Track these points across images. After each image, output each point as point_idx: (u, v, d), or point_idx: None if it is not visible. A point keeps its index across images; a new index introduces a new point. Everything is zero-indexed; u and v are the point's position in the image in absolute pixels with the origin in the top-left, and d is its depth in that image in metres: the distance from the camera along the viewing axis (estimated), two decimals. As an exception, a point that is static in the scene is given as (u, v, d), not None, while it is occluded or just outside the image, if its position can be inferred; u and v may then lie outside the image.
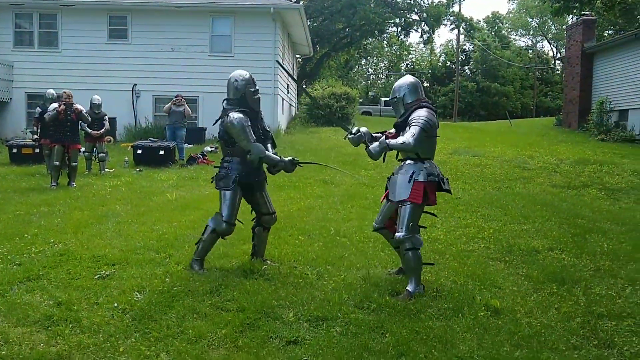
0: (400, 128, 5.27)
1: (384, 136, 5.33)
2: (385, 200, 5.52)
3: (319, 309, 4.71)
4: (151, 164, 13.81)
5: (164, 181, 11.72)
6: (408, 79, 5.47)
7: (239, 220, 5.86)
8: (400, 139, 5.06)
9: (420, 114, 5.08)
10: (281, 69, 18.16)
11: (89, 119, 11.99)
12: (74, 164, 11.11)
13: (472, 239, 7.33)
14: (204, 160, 14.64)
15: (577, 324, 4.59)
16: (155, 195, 10.09)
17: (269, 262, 5.94)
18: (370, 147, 5.09)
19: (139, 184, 11.25)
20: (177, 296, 4.93)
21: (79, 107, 11.28)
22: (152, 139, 15.60)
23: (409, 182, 5.09)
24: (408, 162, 5.22)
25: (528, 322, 4.61)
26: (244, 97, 5.63)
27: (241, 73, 5.75)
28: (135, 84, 19.45)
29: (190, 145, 16.79)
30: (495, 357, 3.99)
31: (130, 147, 15.20)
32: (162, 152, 14.10)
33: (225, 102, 5.67)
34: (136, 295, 4.95)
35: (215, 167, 5.98)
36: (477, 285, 5.46)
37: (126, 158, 14.14)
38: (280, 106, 20.67)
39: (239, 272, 5.63)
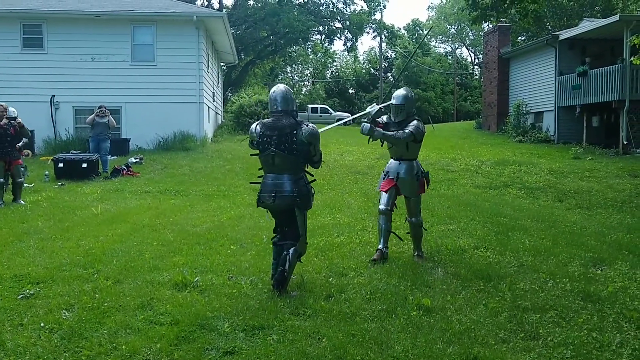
0: (398, 127, 6.49)
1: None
2: (386, 191, 6.63)
3: (255, 318, 4.69)
4: (73, 177, 13.33)
5: (88, 195, 11.35)
6: (404, 92, 6.62)
7: None
8: (398, 134, 6.36)
9: (419, 126, 6.44)
10: None
11: (30, 133, 11.38)
12: (19, 180, 10.61)
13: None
14: (129, 172, 14.27)
15: (504, 319, 4.78)
16: (80, 209, 9.76)
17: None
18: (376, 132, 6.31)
19: (61, 199, 10.85)
20: (108, 312, 4.80)
21: (20, 120, 10.73)
22: (74, 152, 15.07)
23: (417, 180, 6.56)
24: (407, 162, 6.61)
25: (458, 319, 4.76)
26: (296, 109, 5.61)
27: (286, 86, 5.71)
28: (54, 95, 18.71)
29: (114, 157, 16.33)
30: (429, 354, 4.10)
31: (50, 160, 14.61)
32: (84, 165, 13.63)
33: (287, 113, 5.38)
34: (64, 313, 4.77)
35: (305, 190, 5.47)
36: (408, 285, 5.59)
37: (46, 172, 13.59)
38: (205, 114, 20.42)
39: (171, 284, 5.53)
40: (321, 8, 40.65)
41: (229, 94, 39.20)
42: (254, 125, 5.52)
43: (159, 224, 8.51)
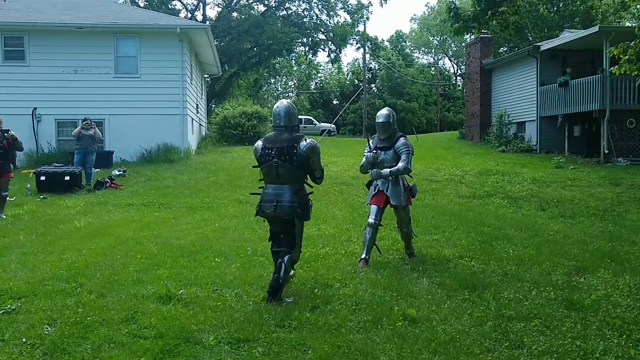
0: (387, 143, 7.06)
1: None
2: (376, 204, 7.00)
3: (240, 331, 4.66)
4: (56, 190, 13.19)
5: (71, 208, 11.24)
6: (386, 111, 7.15)
7: None
8: (400, 166, 6.85)
9: (407, 143, 6.99)
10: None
11: (22, 147, 11.20)
12: (4, 193, 10.47)
13: (387, 251, 7.51)
14: (112, 185, 14.17)
15: (489, 328, 4.80)
16: (62, 222, 9.66)
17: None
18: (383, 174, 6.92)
19: (43, 212, 10.73)
20: (92, 326, 4.74)
21: (13, 133, 10.57)
22: (57, 164, 14.93)
23: (404, 192, 7.01)
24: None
25: (444, 329, 4.76)
26: (298, 125, 5.84)
27: (290, 101, 5.97)
28: (36, 108, 18.55)
29: (97, 170, 16.20)
30: (414, 365, 4.10)
31: (32, 173, 14.47)
32: (67, 178, 13.50)
33: (289, 128, 5.65)
34: (46, 328, 4.70)
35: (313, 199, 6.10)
36: (394, 295, 5.60)
37: (28, 185, 13.45)
38: (190, 126, 20.36)
39: (155, 298, 5.48)
40: (305, 20, 40.82)
41: (213, 105, 39.17)
42: (256, 144, 5.77)
43: (143, 236, 8.45)
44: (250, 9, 41.09)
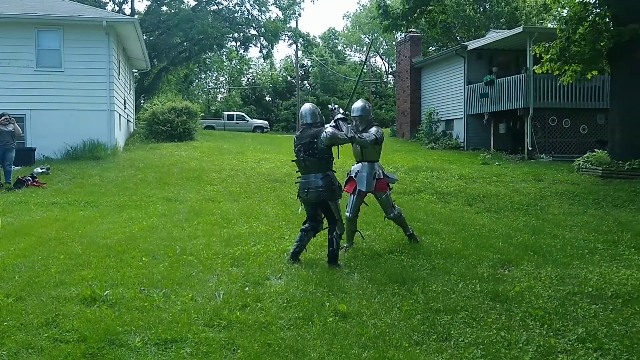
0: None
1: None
2: (352, 194, 7.55)
3: (167, 331, 4.55)
4: (-28, 189, 12.54)
5: (-12, 207, 10.70)
6: (361, 103, 7.59)
7: None
8: (365, 135, 7.26)
9: (379, 129, 7.41)
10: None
11: None
12: None
13: (318, 247, 7.50)
14: (34, 183, 13.58)
15: (417, 321, 4.87)
16: (-22, 223, 9.17)
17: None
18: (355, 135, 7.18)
19: (-42, 212, 10.17)
20: (8, 331, 4.51)
21: None
22: (-28, 162, 14.17)
23: (374, 179, 7.46)
24: (366, 163, 7.52)
25: (374, 323, 4.80)
26: (322, 122, 6.88)
27: (312, 104, 7.09)
28: (-50, 102, 17.57)
29: (18, 167, 15.49)
30: (344, 360, 4.11)
31: (-55, 171, 13.70)
32: (-16, 176, 12.85)
33: (312, 125, 6.74)
34: (-42, 335, 4.45)
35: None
36: (325, 292, 5.61)
37: (-59, 184, 12.72)
38: (117, 122, 19.75)
39: (79, 299, 5.28)
40: (236, 15, 40.40)
41: (142, 101, 38.20)
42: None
43: (67, 236, 8.13)
44: (180, 3, 40.25)
